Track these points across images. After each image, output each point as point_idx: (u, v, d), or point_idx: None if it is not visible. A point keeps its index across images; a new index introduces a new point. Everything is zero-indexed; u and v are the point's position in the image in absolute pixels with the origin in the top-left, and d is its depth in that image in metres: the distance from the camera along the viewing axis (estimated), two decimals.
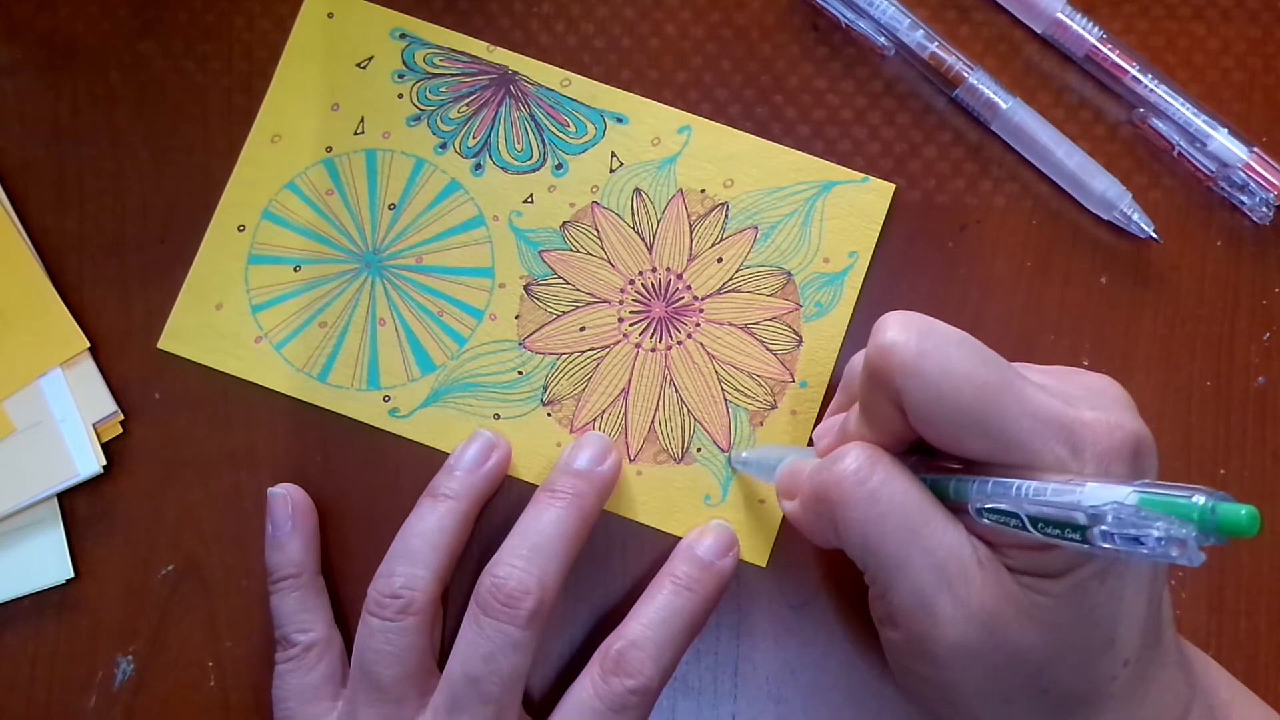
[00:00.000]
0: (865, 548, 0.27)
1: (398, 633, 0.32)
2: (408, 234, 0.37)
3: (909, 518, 0.26)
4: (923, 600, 0.26)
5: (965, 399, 0.25)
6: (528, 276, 0.37)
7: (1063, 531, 0.22)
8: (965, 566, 0.26)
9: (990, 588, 0.25)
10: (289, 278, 0.37)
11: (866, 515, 0.26)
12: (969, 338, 0.26)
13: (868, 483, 0.26)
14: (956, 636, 0.26)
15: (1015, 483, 0.24)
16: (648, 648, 0.32)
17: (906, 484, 0.26)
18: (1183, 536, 0.20)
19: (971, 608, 0.25)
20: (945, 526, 0.26)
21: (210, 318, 0.37)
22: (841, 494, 0.27)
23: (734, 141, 0.37)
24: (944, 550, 0.26)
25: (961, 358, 0.25)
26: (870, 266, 0.37)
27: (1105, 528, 0.21)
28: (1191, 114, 0.36)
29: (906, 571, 0.26)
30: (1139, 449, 0.25)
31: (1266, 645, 0.35)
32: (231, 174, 0.38)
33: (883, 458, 0.27)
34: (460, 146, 0.38)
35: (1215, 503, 0.20)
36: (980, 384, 0.25)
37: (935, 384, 0.25)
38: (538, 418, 0.36)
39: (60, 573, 0.36)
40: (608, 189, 0.37)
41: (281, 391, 0.37)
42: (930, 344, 0.25)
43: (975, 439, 0.25)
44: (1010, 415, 0.25)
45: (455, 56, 0.38)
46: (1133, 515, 0.21)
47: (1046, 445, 0.25)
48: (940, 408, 0.25)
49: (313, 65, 0.38)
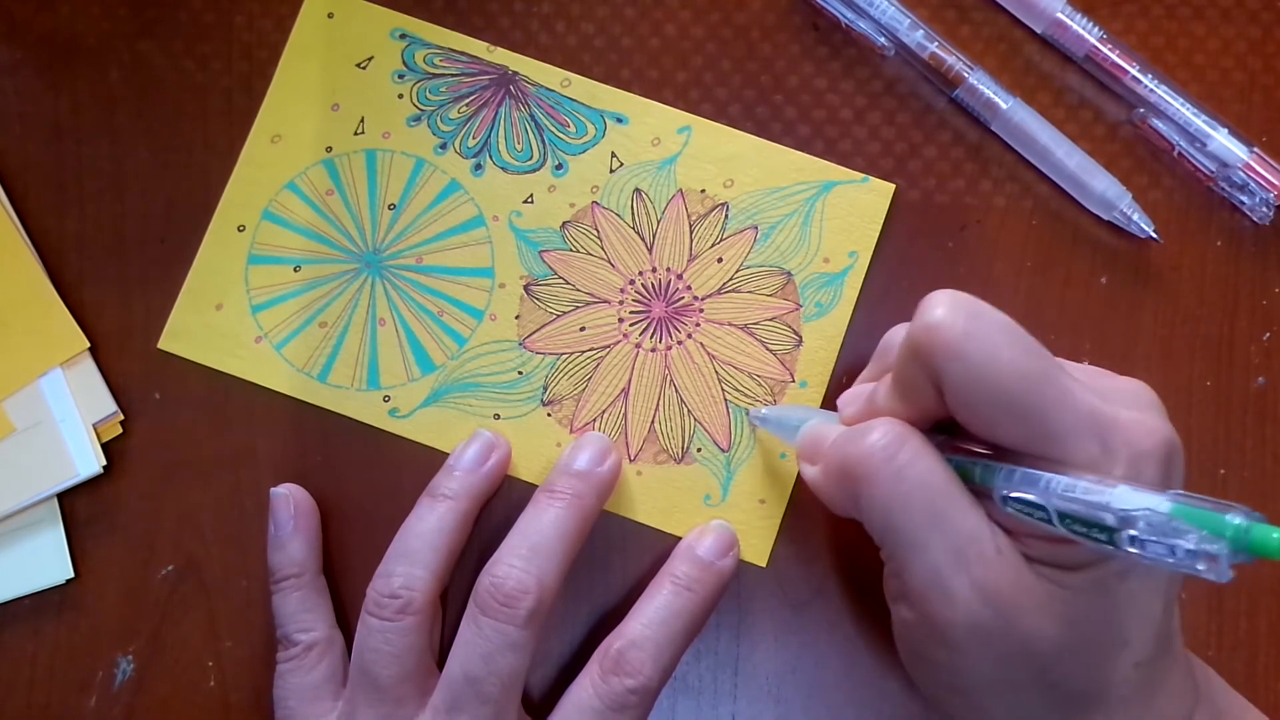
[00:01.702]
0: (886, 524, 0.27)
1: (396, 633, 0.32)
2: (408, 234, 0.37)
3: (932, 499, 0.26)
4: (939, 580, 0.26)
5: (1007, 385, 0.25)
6: (528, 276, 0.37)
7: (1089, 530, 0.22)
8: (983, 550, 0.26)
9: (1008, 574, 0.25)
10: (289, 278, 0.37)
11: (891, 492, 0.26)
12: (1015, 324, 0.26)
13: (895, 460, 0.26)
14: (970, 618, 0.26)
15: (1044, 475, 0.24)
16: (647, 647, 0.32)
17: (933, 464, 0.26)
18: (1214, 552, 0.20)
19: (988, 590, 0.25)
20: (967, 510, 0.26)
21: (210, 318, 0.37)
22: (867, 469, 0.27)
23: (734, 141, 0.37)
24: (964, 533, 0.26)
25: (1007, 344, 0.25)
26: (870, 266, 0.37)
27: (1135, 533, 0.21)
28: (1191, 114, 0.36)
29: (925, 551, 0.26)
30: (1170, 454, 0.25)
31: (1266, 645, 0.35)
32: (231, 174, 0.38)
33: (912, 435, 0.27)
34: (460, 147, 0.38)
35: (1251, 523, 0.20)
36: (1024, 373, 0.25)
37: (978, 367, 0.25)
38: (538, 418, 0.36)
39: (60, 573, 0.36)
40: (608, 189, 0.37)
41: (282, 391, 0.37)
42: (977, 326, 0.25)
43: (1012, 426, 0.25)
44: (1050, 407, 0.25)
45: (455, 57, 0.38)
46: (1165, 524, 0.21)
47: (1081, 441, 0.25)
48: (980, 392, 0.25)
49: (313, 65, 0.38)
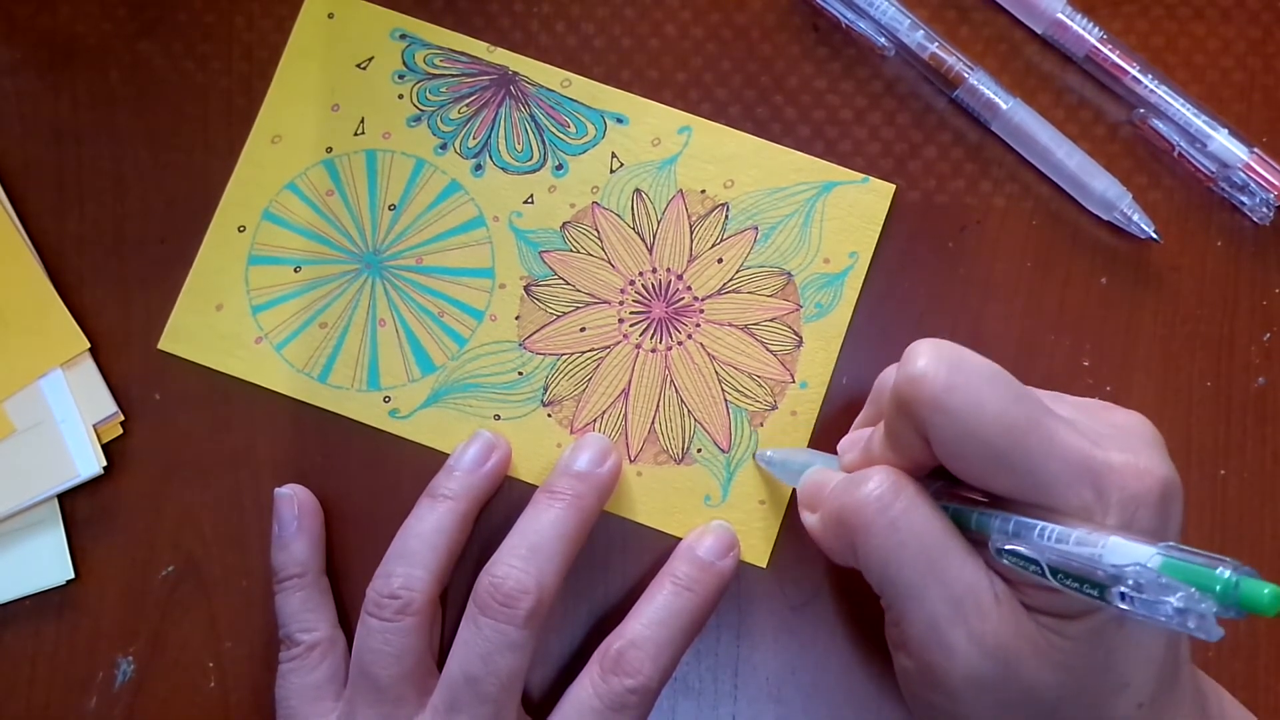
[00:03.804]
0: (883, 575, 0.27)
1: (396, 633, 0.32)
2: (408, 234, 0.37)
3: (928, 549, 0.26)
4: (937, 631, 0.26)
5: (992, 437, 0.24)
6: (528, 277, 0.37)
7: (1081, 585, 0.22)
8: (981, 601, 0.25)
9: (1006, 624, 0.25)
10: (289, 278, 0.37)
11: (886, 543, 0.26)
12: (1000, 371, 0.25)
13: (889, 510, 0.26)
14: (969, 670, 0.26)
15: (1038, 524, 0.24)
16: (647, 647, 0.32)
17: (928, 514, 0.26)
18: (1201, 611, 0.20)
19: (986, 643, 0.25)
20: (964, 560, 0.26)
21: (211, 318, 0.37)
22: (863, 519, 0.27)
23: (734, 142, 0.37)
24: (961, 584, 0.26)
25: (992, 394, 0.25)
26: (870, 267, 0.37)
27: (1124, 590, 0.21)
28: (1191, 114, 0.36)
29: (922, 602, 0.26)
30: (1165, 494, 0.25)
31: (1266, 645, 0.35)
32: (232, 174, 0.38)
33: (907, 485, 0.27)
34: (460, 147, 0.38)
35: (1240, 578, 0.20)
36: (1009, 423, 0.24)
37: (962, 420, 0.25)
38: (538, 418, 0.36)
39: (60, 573, 0.36)
40: (608, 189, 0.37)
41: (282, 392, 0.37)
42: (960, 378, 0.25)
43: (1000, 477, 0.25)
44: (1037, 456, 0.24)
45: (455, 57, 0.38)
46: (1153, 580, 0.21)
47: (1072, 489, 0.24)
48: (966, 445, 0.25)
49: (313, 65, 0.38)
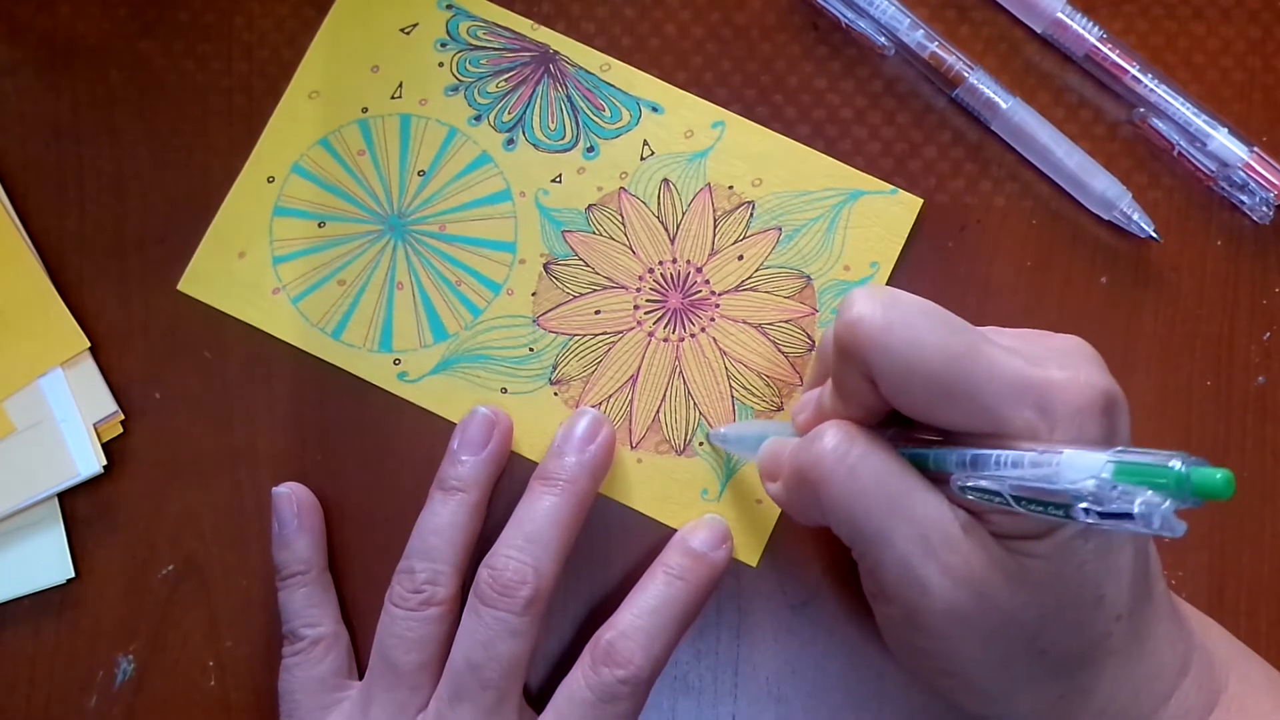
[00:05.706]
0: (850, 524, 0.27)
1: (419, 621, 0.32)
2: (434, 201, 0.37)
3: (890, 490, 0.26)
4: (910, 571, 0.26)
5: (934, 368, 0.25)
6: (548, 255, 0.37)
7: (1045, 508, 0.22)
8: (949, 534, 0.26)
9: (976, 554, 0.26)
10: (312, 233, 0.37)
11: (848, 491, 0.26)
12: (934, 306, 0.26)
13: (846, 458, 0.26)
14: (947, 605, 0.26)
15: (993, 453, 0.24)
16: (638, 637, 0.32)
17: (884, 457, 0.27)
18: (1162, 510, 0.20)
19: (959, 575, 0.26)
20: (926, 497, 0.26)
21: (232, 265, 0.37)
22: (821, 472, 0.27)
23: (766, 141, 0.37)
24: (926, 521, 0.26)
25: (929, 327, 0.25)
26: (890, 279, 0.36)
27: (1086, 505, 0.21)
28: (1191, 114, 0.36)
29: (891, 544, 0.26)
30: (1110, 405, 0.25)
31: (1266, 645, 0.35)
32: (266, 124, 0.38)
33: (860, 433, 0.27)
34: (495, 120, 0.38)
35: (1190, 468, 0.20)
36: (950, 354, 0.25)
37: (903, 355, 0.25)
38: (544, 396, 0.36)
39: (60, 573, 0.36)
40: (637, 176, 0.37)
41: (293, 344, 0.37)
42: (896, 315, 0.25)
43: (947, 408, 0.25)
44: (979, 381, 0.25)
45: (499, 31, 0.38)
46: (1110, 489, 0.21)
47: (1016, 410, 0.24)
48: (910, 379, 0.25)
49: (357, 26, 0.38)
